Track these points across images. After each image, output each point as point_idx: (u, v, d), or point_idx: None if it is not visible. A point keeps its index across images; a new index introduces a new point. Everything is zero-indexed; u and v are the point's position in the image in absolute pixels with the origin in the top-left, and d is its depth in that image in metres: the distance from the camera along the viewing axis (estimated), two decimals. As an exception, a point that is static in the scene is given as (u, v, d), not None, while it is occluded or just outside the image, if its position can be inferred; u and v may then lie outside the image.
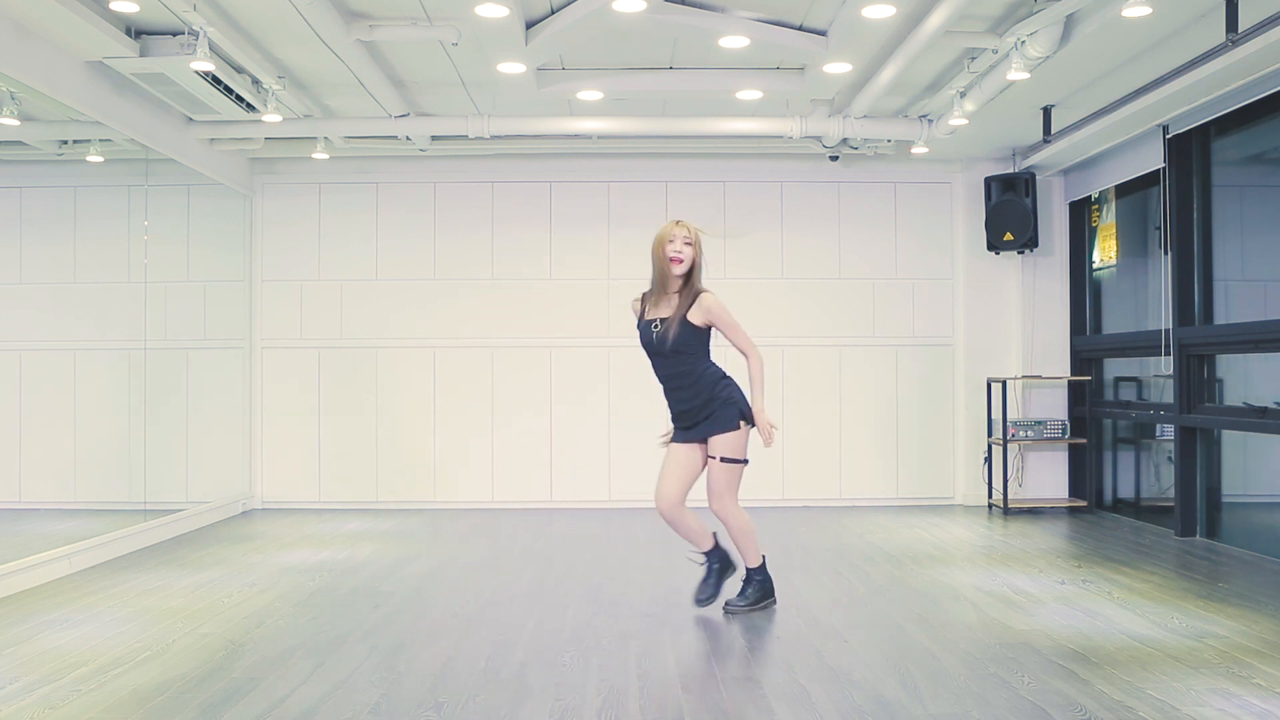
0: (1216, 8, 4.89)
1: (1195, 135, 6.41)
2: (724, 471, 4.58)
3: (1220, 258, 6.40)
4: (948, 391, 8.29)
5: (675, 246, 4.56)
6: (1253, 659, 3.78)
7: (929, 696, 3.40)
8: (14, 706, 3.32)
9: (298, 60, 6.02)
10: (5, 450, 6.41)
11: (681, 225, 4.61)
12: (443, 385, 8.19)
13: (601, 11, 5.26)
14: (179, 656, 3.89)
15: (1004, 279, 8.25)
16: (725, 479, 4.58)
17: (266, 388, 8.17)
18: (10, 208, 6.51)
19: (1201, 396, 6.45)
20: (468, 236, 8.22)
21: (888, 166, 8.22)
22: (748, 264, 8.23)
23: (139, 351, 6.56)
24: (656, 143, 7.71)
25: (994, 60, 5.80)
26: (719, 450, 4.57)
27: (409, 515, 7.72)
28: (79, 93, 5.64)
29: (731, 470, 4.58)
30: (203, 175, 7.27)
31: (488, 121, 7.06)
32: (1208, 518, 6.47)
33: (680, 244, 4.56)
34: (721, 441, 4.56)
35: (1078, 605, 4.68)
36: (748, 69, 6.38)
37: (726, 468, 4.57)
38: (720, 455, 4.56)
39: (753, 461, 8.52)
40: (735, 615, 4.58)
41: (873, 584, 5.22)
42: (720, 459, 4.56)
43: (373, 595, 4.98)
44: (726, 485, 4.59)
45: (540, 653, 3.95)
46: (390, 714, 3.24)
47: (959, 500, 8.23)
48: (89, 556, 5.74)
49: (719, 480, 4.59)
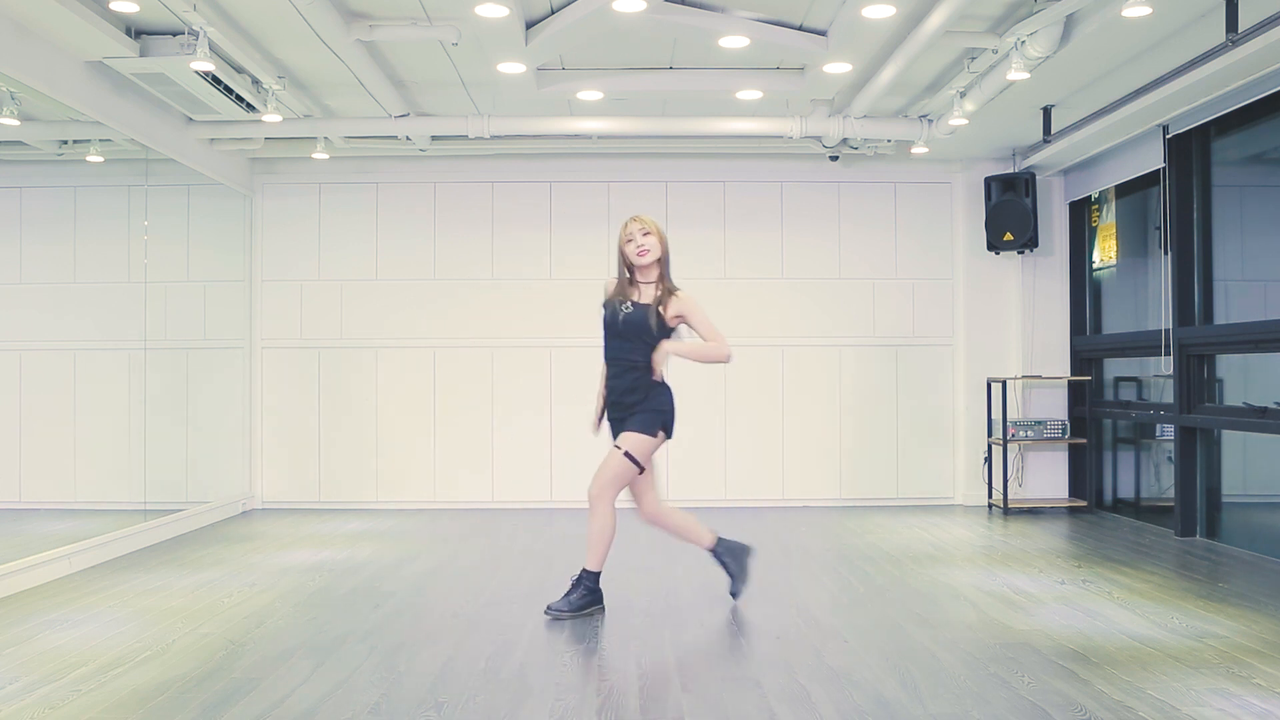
0: (1216, 8, 4.89)
1: (1195, 135, 6.41)
2: (619, 463, 4.52)
3: (1220, 258, 6.40)
4: (948, 391, 8.29)
5: (637, 242, 4.61)
6: (1253, 659, 3.78)
7: (929, 696, 3.40)
8: (14, 706, 3.32)
9: (298, 60, 6.02)
10: (5, 450, 6.41)
11: (637, 220, 4.66)
12: (443, 385, 8.19)
13: (601, 11, 5.26)
14: (179, 656, 3.89)
15: (1004, 279, 8.25)
16: (617, 471, 4.52)
17: (266, 388, 8.17)
18: (10, 208, 6.51)
19: (1201, 396, 6.45)
20: (468, 236, 8.22)
21: (888, 166, 8.23)
22: (748, 264, 8.23)
23: (139, 351, 6.56)
24: (656, 143, 7.71)
25: (994, 60, 5.80)
26: (626, 443, 4.54)
27: (409, 515, 7.72)
28: (79, 93, 5.64)
29: (625, 466, 4.52)
30: (203, 175, 7.27)
31: (488, 121, 7.06)
32: (1208, 518, 6.47)
33: (640, 237, 4.60)
34: (633, 438, 4.54)
35: (1078, 605, 4.68)
36: (748, 69, 6.38)
37: (624, 462, 4.52)
38: (625, 448, 4.53)
39: (753, 461, 8.53)
40: (559, 619, 4.48)
41: (873, 584, 5.22)
42: (624, 452, 4.52)
43: (373, 595, 4.98)
44: (614, 478, 4.53)
45: (540, 653, 3.95)
46: (390, 714, 3.24)
47: (959, 500, 8.23)
48: (89, 556, 5.74)
49: (611, 469, 4.53)
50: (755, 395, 8.22)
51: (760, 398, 8.22)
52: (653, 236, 4.61)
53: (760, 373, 8.22)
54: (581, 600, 4.56)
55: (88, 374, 6.62)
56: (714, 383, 8.20)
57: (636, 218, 4.67)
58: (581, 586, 4.58)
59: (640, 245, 4.59)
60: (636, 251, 4.60)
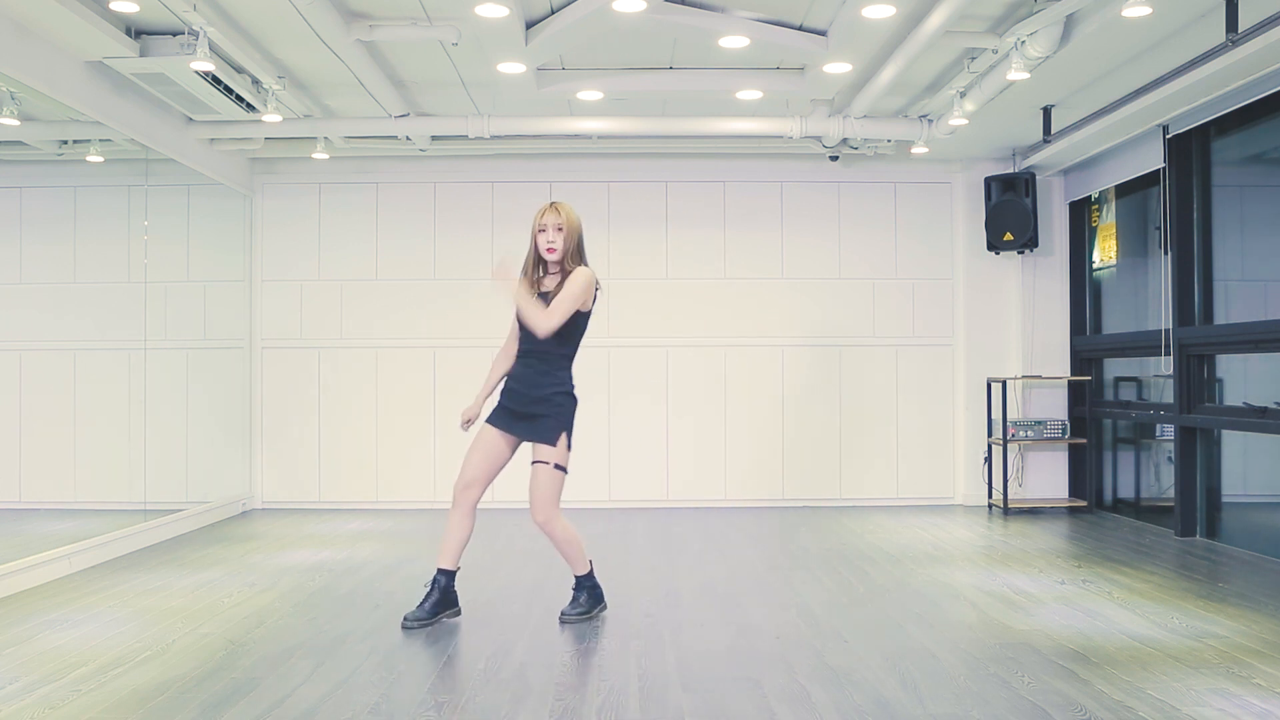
0: (1216, 8, 4.89)
1: (1195, 135, 6.41)
2: (552, 480, 4.35)
3: (1220, 258, 6.40)
4: (948, 391, 8.29)
5: (548, 237, 4.40)
6: (1253, 659, 3.78)
7: (929, 696, 3.40)
8: (14, 706, 3.32)
9: (298, 60, 6.02)
10: (5, 450, 6.40)
11: (554, 210, 4.41)
12: (443, 385, 8.19)
13: (601, 11, 5.26)
14: (179, 656, 3.89)
15: (1004, 279, 8.25)
16: (552, 488, 4.35)
17: (266, 388, 8.17)
18: (10, 208, 6.51)
19: (1201, 396, 6.45)
20: (468, 236, 8.22)
21: (888, 166, 8.23)
22: (748, 264, 8.23)
23: (139, 351, 6.56)
24: (656, 143, 7.71)
25: (994, 60, 5.80)
26: (549, 456, 4.35)
27: (409, 515, 7.72)
28: (79, 93, 5.64)
29: (558, 479, 4.37)
30: (203, 175, 7.27)
31: (488, 121, 7.06)
32: (1208, 518, 6.47)
33: (553, 233, 4.40)
34: (548, 450, 4.36)
35: (1078, 605, 4.68)
36: (748, 69, 6.38)
37: (555, 475, 4.35)
38: (553, 461, 4.35)
39: (753, 461, 8.51)
40: (570, 624, 4.41)
41: (873, 584, 5.22)
42: (554, 465, 4.35)
43: (373, 595, 4.98)
44: (553, 496, 4.36)
45: (540, 653, 3.95)
46: (390, 714, 3.24)
47: (959, 500, 8.23)
48: (89, 556, 5.74)
49: (546, 490, 4.35)
50: (754, 395, 8.22)
51: (760, 397, 8.22)
52: (564, 233, 4.39)
53: (760, 373, 8.22)
54: (589, 602, 4.52)
55: (88, 374, 6.62)
56: (714, 383, 8.20)
57: (553, 207, 4.42)
58: (583, 591, 4.54)
59: (550, 242, 4.39)
60: (546, 247, 4.40)
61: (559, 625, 4.41)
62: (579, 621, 4.45)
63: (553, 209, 4.44)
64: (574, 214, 4.50)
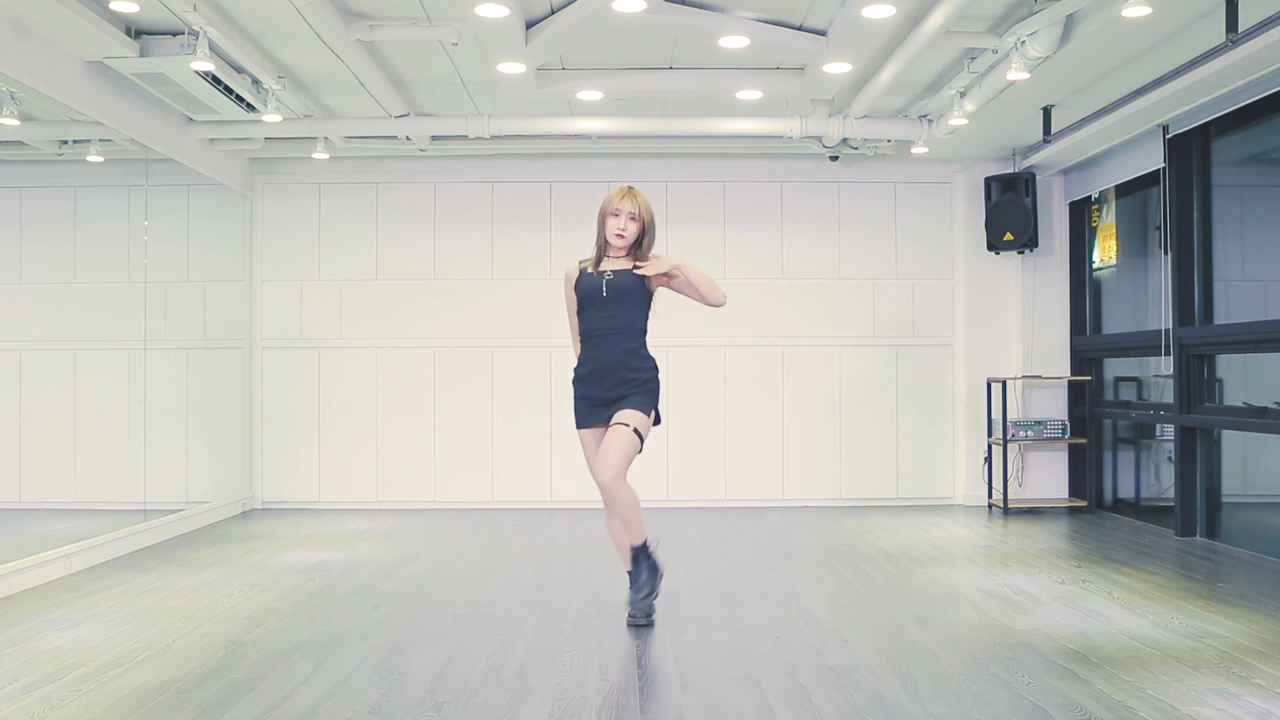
0: (1216, 8, 4.89)
1: (1195, 135, 6.41)
2: (630, 443, 4.15)
3: (1220, 258, 6.40)
4: (948, 391, 8.29)
5: (619, 223, 4.21)
6: (1253, 659, 3.78)
7: (929, 696, 3.40)
8: (14, 706, 3.32)
9: (298, 60, 6.02)
10: (5, 450, 6.40)
11: (630, 197, 4.20)
12: (443, 385, 8.19)
13: (601, 11, 5.26)
14: (179, 656, 3.89)
15: (1004, 279, 8.25)
16: (628, 451, 4.15)
17: (266, 388, 8.17)
18: (10, 208, 6.50)
19: (1201, 396, 6.45)
20: (468, 236, 8.22)
21: (888, 166, 8.23)
22: (748, 264, 8.23)
23: (139, 351, 6.56)
24: (656, 143, 7.71)
25: (994, 60, 5.80)
26: (632, 420, 4.17)
27: (409, 515, 7.72)
28: (79, 93, 5.64)
29: (635, 444, 4.17)
30: (203, 175, 7.27)
31: (488, 121, 7.06)
32: (1208, 518, 6.47)
33: (625, 220, 4.21)
34: (634, 415, 4.19)
35: (1078, 605, 4.68)
36: (748, 69, 6.38)
37: (634, 439, 4.16)
38: (634, 425, 4.16)
39: (753, 461, 8.52)
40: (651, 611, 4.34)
41: (873, 584, 5.22)
42: (634, 429, 4.16)
43: (373, 595, 4.98)
44: (626, 459, 4.16)
45: (540, 653, 3.95)
46: (390, 714, 3.24)
47: (959, 500, 8.23)
48: (89, 556, 5.74)
49: (622, 450, 4.14)
50: (755, 395, 8.22)
51: (760, 398, 8.22)
52: (637, 224, 4.23)
53: (760, 372, 8.22)
54: (651, 579, 4.32)
55: (88, 374, 6.62)
56: (714, 382, 8.20)
57: (631, 193, 4.21)
58: (643, 565, 4.34)
59: (621, 228, 4.21)
60: (615, 231, 4.22)
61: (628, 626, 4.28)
62: (651, 601, 4.33)
63: (630, 195, 4.22)
64: (648, 204, 4.30)
